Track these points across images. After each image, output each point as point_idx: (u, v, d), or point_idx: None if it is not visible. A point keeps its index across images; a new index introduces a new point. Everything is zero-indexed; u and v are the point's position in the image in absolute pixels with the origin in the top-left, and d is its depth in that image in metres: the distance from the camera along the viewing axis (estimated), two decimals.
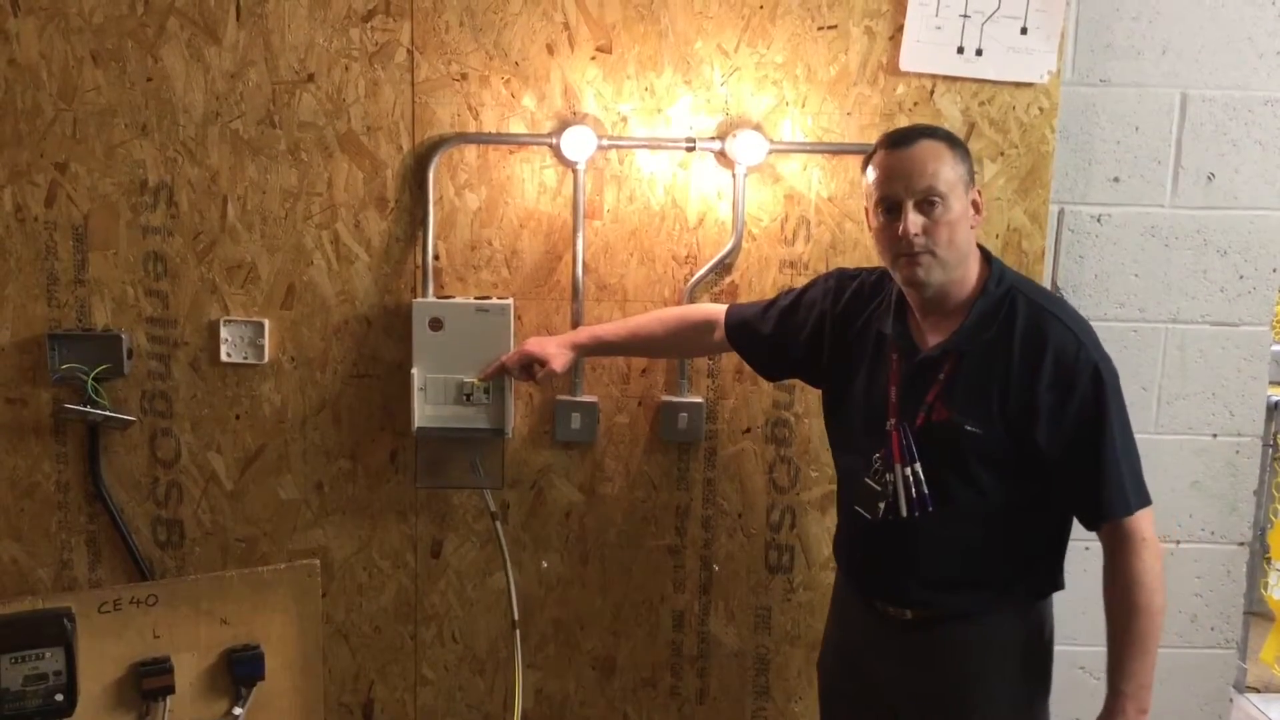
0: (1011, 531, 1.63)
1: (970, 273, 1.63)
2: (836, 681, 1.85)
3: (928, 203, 1.56)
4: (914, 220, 1.56)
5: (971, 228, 1.61)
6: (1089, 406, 1.56)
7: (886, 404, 1.66)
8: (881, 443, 1.66)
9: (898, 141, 1.61)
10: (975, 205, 1.62)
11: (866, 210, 1.66)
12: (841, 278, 1.82)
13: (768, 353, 1.89)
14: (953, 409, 1.60)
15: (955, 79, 2.03)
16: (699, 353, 2.07)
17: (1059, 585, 1.70)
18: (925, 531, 1.63)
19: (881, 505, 1.65)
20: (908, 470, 1.62)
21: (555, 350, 1.95)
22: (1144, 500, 1.58)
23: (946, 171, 1.57)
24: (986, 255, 1.66)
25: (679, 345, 2.00)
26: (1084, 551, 1.74)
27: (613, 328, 1.98)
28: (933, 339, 1.64)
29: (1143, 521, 1.57)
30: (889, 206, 1.60)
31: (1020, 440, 1.58)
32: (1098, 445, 1.56)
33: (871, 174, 1.63)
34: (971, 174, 1.62)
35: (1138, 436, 1.62)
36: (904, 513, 1.63)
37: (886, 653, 1.72)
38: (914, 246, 1.57)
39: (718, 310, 1.92)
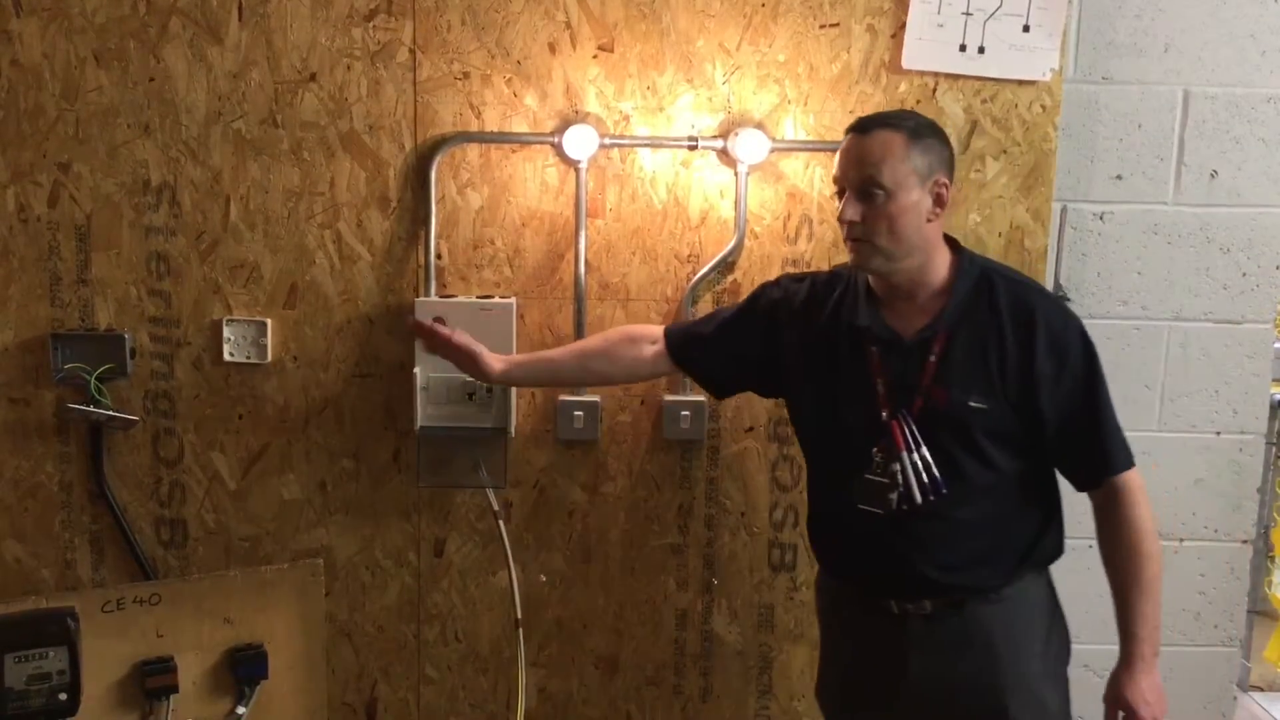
0: (1019, 501, 1.67)
1: (935, 261, 1.65)
2: (850, 709, 1.80)
3: (867, 192, 1.59)
4: (850, 208, 1.60)
5: (929, 220, 1.61)
6: (1082, 371, 1.62)
7: (874, 397, 1.66)
8: (879, 436, 1.65)
9: (857, 128, 1.63)
10: (938, 197, 1.61)
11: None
12: (790, 281, 1.82)
13: (720, 364, 1.84)
14: (952, 389, 1.62)
15: (957, 77, 2.03)
16: (633, 368, 1.91)
17: (1062, 548, 1.74)
18: (940, 514, 1.63)
19: (893, 497, 1.64)
20: (914, 457, 1.63)
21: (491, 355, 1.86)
22: (1131, 453, 1.67)
23: (895, 164, 1.58)
24: (954, 243, 1.69)
25: (610, 360, 1.88)
26: (1088, 550, 1.73)
27: (549, 353, 1.94)
28: (913, 325, 1.65)
29: (1136, 473, 1.66)
30: (839, 190, 1.64)
31: (1022, 410, 1.62)
32: (1095, 407, 1.63)
33: (836, 156, 1.67)
34: (936, 165, 1.61)
35: (1140, 434, 1.67)
36: (918, 499, 1.63)
37: (909, 653, 1.68)
38: (850, 232, 1.61)
39: (655, 327, 1.90)
